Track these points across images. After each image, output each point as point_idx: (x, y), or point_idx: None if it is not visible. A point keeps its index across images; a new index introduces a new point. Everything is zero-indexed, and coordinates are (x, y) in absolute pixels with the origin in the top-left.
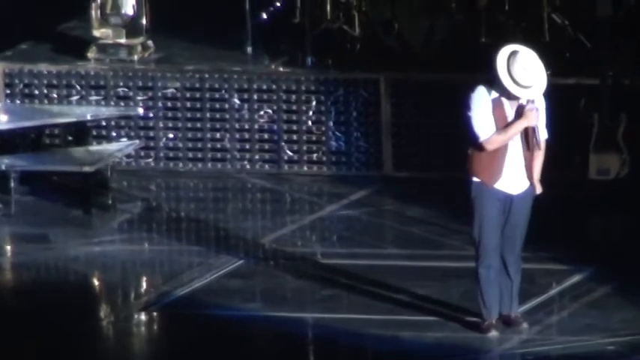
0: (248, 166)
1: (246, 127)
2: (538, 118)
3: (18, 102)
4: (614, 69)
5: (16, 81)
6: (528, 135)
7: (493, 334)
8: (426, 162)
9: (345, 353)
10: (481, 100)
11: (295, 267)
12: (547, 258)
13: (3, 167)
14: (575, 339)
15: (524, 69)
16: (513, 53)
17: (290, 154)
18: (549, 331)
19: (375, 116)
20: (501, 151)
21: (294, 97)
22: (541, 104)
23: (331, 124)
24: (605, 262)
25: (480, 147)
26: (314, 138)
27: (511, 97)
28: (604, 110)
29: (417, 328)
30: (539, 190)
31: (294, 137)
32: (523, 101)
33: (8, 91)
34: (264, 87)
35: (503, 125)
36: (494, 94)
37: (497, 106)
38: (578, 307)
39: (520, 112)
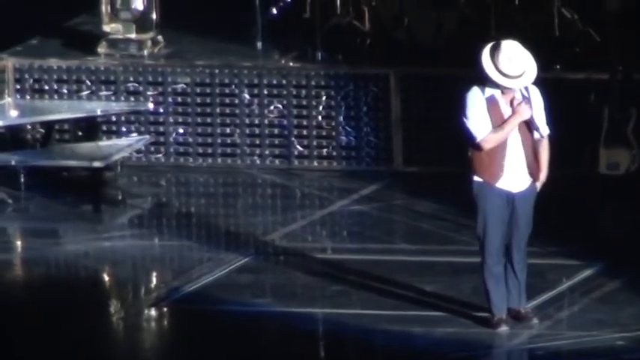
0: (258, 162)
1: (257, 122)
2: (530, 109)
3: (28, 97)
4: (624, 63)
5: (26, 76)
6: (527, 130)
7: (503, 329)
8: (436, 157)
9: (354, 349)
10: (475, 100)
11: (305, 262)
12: (557, 253)
13: (13, 163)
14: (586, 334)
15: (508, 59)
16: (495, 46)
17: (300, 149)
18: (559, 326)
19: (385, 111)
20: (501, 149)
21: (304, 92)
22: (538, 100)
23: (341, 119)
24: (615, 257)
25: (477, 147)
26: (324, 133)
27: (504, 90)
28: (614, 105)
29: (426, 323)
30: (539, 188)
31: (304, 132)
32: (517, 95)
33: (18, 87)
34: (274, 82)
35: (499, 122)
36: (488, 93)
37: (492, 104)
38: (588, 302)
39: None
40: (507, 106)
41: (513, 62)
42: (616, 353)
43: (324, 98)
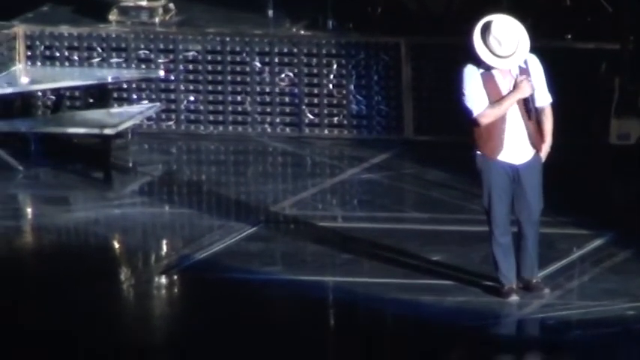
0: (269, 130)
1: (267, 90)
2: (532, 87)
3: (39, 64)
4: (635, 33)
5: (37, 43)
6: (526, 104)
7: (513, 298)
8: (447, 126)
9: (364, 317)
10: (471, 76)
11: (315, 231)
12: (567, 223)
13: (23, 129)
14: (596, 304)
15: (497, 41)
16: (486, 25)
17: (311, 117)
18: (570, 295)
19: (396, 80)
20: (499, 123)
21: (315, 60)
22: (538, 69)
23: (352, 87)
24: (625, 226)
25: (475, 122)
26: (335, 101)
27: (496, 68)
28: (625, 75)
29: (437, 292)
30: (544, 158)
31: (315, 101)
32: (514, 69)
33: (29, 54)
34: (285, 50)
35: (496, 97)
36: (483, 68)
37: (487, 79)
38: (598, 272)
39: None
40: (504, 79)
41: (503, 44)
42: (626, 323)
43: (334, 67)
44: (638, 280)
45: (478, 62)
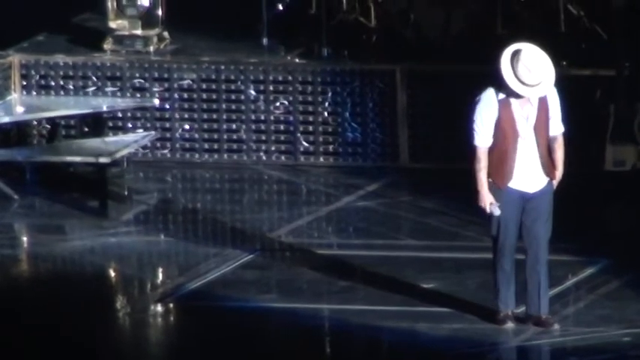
0: (264, 158)
1: (262, 118)
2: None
3: (34, 93)
4: (630, 60)
5: (32, 72)
6: (542, 130)
7: (509, 325)
8: (442, 153)
9: (360, 345)
10: (487, 104)
11: (311, 258)
12: (563, 249)
13: (19, 159)
14: (591, 330)
15: (527, 69)
16: (516, 53)
17: (306, 145)
18: (565, 322)
19: (391, 107)
20: (510, 153)
21: (310, 88)
22: (555, 99)
23: (347, 115)
24: (621, 253)
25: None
26: (330, 129)
27: (520, 97)
28: (620, 101)
29: (432, 319)
30: (555, 185)
31: (310, 128)
32: (533, 102)
33: (24, 83)
34: (280, 78)
35: (509, 126)
36: (502, 95)
37: (504, 106)
38: (594, 299)
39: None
40: (521, 109)
41: (532, 72)
42: (622, 349)
43: (329, 94)
44: (634, 306)
45: (499, 88)
